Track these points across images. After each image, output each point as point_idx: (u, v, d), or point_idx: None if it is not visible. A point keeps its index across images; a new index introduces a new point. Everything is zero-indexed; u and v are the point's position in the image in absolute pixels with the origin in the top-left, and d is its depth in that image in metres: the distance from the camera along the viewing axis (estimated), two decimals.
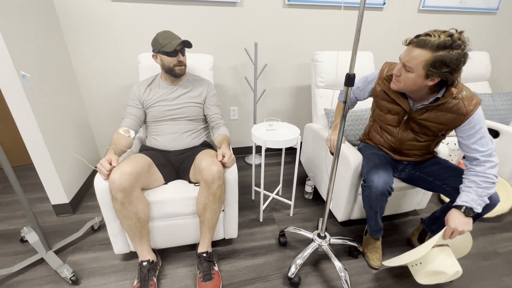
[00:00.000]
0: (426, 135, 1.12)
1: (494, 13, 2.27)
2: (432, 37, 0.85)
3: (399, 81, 1.00)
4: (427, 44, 0.86)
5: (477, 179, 0.96)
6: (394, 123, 1.18)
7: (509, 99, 2.00)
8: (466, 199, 0.95)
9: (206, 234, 1.17)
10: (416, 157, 1.23)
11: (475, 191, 0.95)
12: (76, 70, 1.73)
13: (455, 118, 0.98)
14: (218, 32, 1.85)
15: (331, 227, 1.51)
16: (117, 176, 0.97)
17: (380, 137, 1.28)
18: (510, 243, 1.42)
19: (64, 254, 1.29)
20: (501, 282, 1.19)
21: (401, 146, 1.21)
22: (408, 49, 0.93)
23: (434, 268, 0.98)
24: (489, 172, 0.95)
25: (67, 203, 1.52)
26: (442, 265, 0.97)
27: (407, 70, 0.94)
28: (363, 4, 0.78)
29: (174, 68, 1.26)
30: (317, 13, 1.94)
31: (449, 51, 0.83)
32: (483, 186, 0.94)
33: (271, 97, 2.18)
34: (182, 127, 1.33)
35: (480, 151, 0.96)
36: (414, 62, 0.90)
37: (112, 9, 1.63)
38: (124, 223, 1.06)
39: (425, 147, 1.18)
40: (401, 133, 1.17)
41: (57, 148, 1.45)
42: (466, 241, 1.06)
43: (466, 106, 0.96)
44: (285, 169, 2.10)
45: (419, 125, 1.10)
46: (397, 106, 1.12)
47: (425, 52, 0.86)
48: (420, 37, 0.89)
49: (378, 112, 1.23)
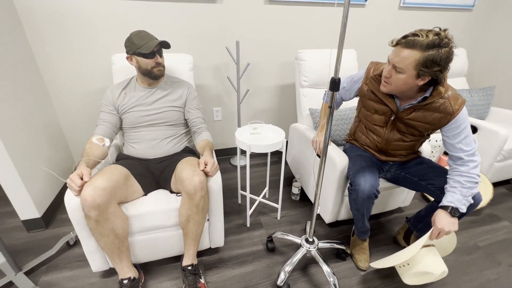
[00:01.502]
0: (413, 135, 1.12)
1: (470, 10, 2.33)
2: (420, 37, 0.85)
3: (389, 83, 0.99)
4: (416, 44, 0.85)
5: (461, 179, 0.97)
6: (381, 123, 1.17)
7: (485, 94, 2.06)
8: (452, 200, 0.96)
9: (190, 246, 1.12)
10: (402, 157, 1.24)
11: (460, 191, 0.96)
12: (43, 73, 1.59)
13: (442, 118, 0.99)
14: (197, 30, 1.76)
15: (319, 228, 1.50)
16: (90, 193, 0.90)
17: (366, 138, 1.27)
18: (489, 236, 1.47)
19: (36, 274, 1.19)
20: (482, 276, 1.23)
21: (387, 147, 1.20)
22: (396, 50, 0.91)
23: (422, 269, 0.98)
24: (473, 172, 0.96)
25: (38, 217, 1.41)
26: (429, 266, 0.98)
27: (398, 71, 0.93)
28: (348, 4, 0.74)
29: (153, 70, 1.18)
30: (299, 9, 1.90)
31: (438, 50, 0.83)
32: (467, 186, 0.95)
33: (255, 97, 2.13)
34: (161, 133, 1.26)
35: (464, 150, 0.98)
36: (404, 62, 0.89)
37: (80, 5, 1.50)
38: (100, 241, 0.99)
39: (410, 147, 1.18)
40: (387, 133, 1.16)
41: (24, 159, 1.33)
42: (451, 240, 1.07)
43: (452, 106, 0.96)
44: (272, 170, 2.07)
45: (406, 125, 1.09)
46: (384, 106, 1.11)
47: (415, 52, 0.86)
48: (408, 37, 0.88)
49: (365, 112, 1.22)
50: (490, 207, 1.69)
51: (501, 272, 1.25)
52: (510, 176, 1.90)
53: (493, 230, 1.52)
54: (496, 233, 1.50)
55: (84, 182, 0.93)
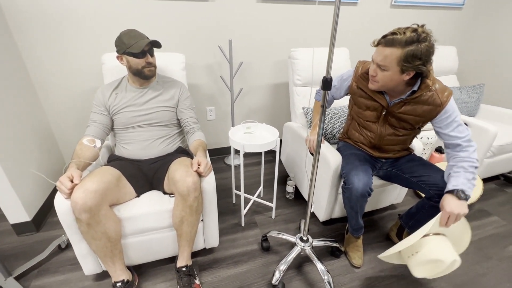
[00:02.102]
0: (404, 128, 1.14)
1: (460, 8, 2.36)
2: (399, 35, 0.89)
3: (376, 81, 1.02)
4: (395, 42, 0.89)
5: (464, 164, 0.98)
6: (373, 119, 1.19)
7: (475, 92, 2.10)
8: (457, 183, 0.95)
9: (184, 248, 1.11)
10: (395, 153, 1.25)
11: (463, 175, 0.96)
12: (31, 73, 1.55)
13: (431, 109, 1.02)
14: (189, 29, 1.74)
15: (313, 227, 1.51)
16: (80, 196, 0.88)
17: (360, 135, 1.28)
18: (479, 231, 1.50)
19: (27, 279, 1.17)
20: (473, 270, 1.26)
21: (380, 142, 1.22)
22: (378, 49, 0.96)
23: (431, 255, 0.92)
24: (473, 156, 0.98)
25: (28, 221, 1.38)
26: (439, 251, 0.92)
27: (382, 69, 0.97)
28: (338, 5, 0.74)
29: (143, 70, 1.16)
30: (291, 8, 1.89)
31: (417, 45, 0.87)
32: (470, 170, 0.97)
33: (249, 96, 2.12)
34: (154, 134, 1.24)
35: (460, 137, 1.00)
36: (387, 60, 0.93)
37: (68, 5, 1.47)
38: (92, 244, 0.97)
39: (403, 141, 1.20)
40: (380, 129, 1.19)
41: (13, 161, 1.30)
42: (464, 231, 1.00)
43: (440, 97, 1.00)
44: (266, 168, 2.07)
45: (398, 119, 1.12)
46: (375, 102, 1.14)
47: (396, 49, 0.90)
48: (387, 36, 0.92)
49: (356, 109, 1.23)
50: (480, 203, 1.73)
51: (491, 266, 1.28)
52: (499, 172, 1.94)
53: (483, 225, 1.55)
54: (486, 228, 1.53)
55: (74, 185, 0.91)
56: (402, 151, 1.25)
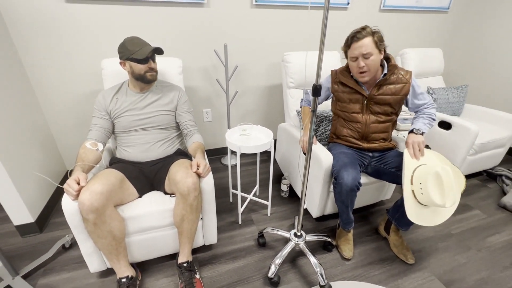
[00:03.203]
0: (386, 113, 1.32)
1: (446, 12, 2.46)
2: (363, 31, 1.15)
3: (367, 70, 1.19)
4: (366, 34, 1.15)
5: (424, 115, 1.30)
6: (357, 110, 1.34)
7: (459, 92, 2.20)
8: (415, 126, 1.26)
9: (185, 244, 1.17)
10: (380, 143, 1.38)
11: (421, 121, 1.28)
12: (30, 77, 1.59)
13: (402, 87, 1.26)
14: (186, 34, 1.80)
15: (307, 223, 1.59)
16: (87, 197, 0.94)
17: (347, 129, 1.40)
18: (462, 224, 1.60)
19: (34, 277, 1.22)
20: (454, 260, 1.35)
21: (367, 130, 1.35)
22: (356, 45, 1.16)
23: (430, 169, 1.04)
24: (432, 111, 1.30)
25: (32, 222, 1.43)
26: (435, 163, 1.12)
27: (367, 57, 1.16)
28: (327, 10, 0.81)
29: (146, 75, 1.22)
30: (285, 13, 1.96)
31: (377, 31, 1.17)
32: (427, 118, 1.29)
33: (244, 97, 2.19)
34: (154, 137, 1.30)
35: (424, 103, 1.31)
36: (369, 47, 1.15)
37: (68, 11, 1.51)
38: (98, 242, 1.03)
39: (386, 128, 1.36)
40: (365, 117, 1.34)
41: (16, 164, 1.35)
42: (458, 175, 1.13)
43: (404, 76, 1.26)
44: (261, 168, 2.14)
45: (378, 102, 1.30)
46: (357, 94, 1.32)
47: (369, 38, 1.15)
48: (356, 35, 1.16)
49: (341, 104, 1.38)
50: (463, 198, 1.83)
51: (470, 256, 1.38)
52: (482, 168, 2.05)
53: (465, 218, 1.66)
54: (468, 221, 1.64)
55: (81, 187, 0.96)
56: (386, 141, 1.39)
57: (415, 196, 1.09)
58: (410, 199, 1.10)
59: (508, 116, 1.99)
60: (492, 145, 1.92)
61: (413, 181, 1.10)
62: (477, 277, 1.26)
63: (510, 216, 1.67)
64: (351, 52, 1.19)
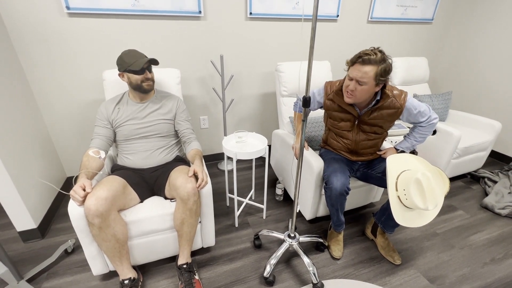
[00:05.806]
0: (376, 133, 1.34)
1: (430, 23, 2.60)
2: (373, 56, 1.08)
3: (354, 95, 1.18)
4: (372, 61, 1.08)
5: (417, 135, 1.36)
6: (348, 128, 1.37)
7: (444, 99, 2.32)
8: (402, 146, 1.39)
9: (185, 247, 1.24)
10: (369, 156, 1.44)
11: (410, 142, 1.38)
12: (32, 87, 1.65)
13: (394, 112, 1.25)
14: (184, 45, 1.88)
15: (300, 225, 1.67)
16: (93, 203, 1.00)
17: (338, 143, 1.45)
18: (446, 224, 1.70)
19: (38, 281, 1.27)
20: (438, 258, 1.44)
21: (357, 147, 1.40)
22: (356, 67, 1.12)
23: (412, 174, 1.11)
24: (428, 130, 1.33)
25: (34, 228, 1.47)
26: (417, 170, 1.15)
27: (361, 84, 1.13)
28: (315, 21, 0.90)
29: (142, 84, 1.29)
30: (278, 25, 2.06)
31: (386, 62, 1.09)
32: (418, 140, 1.37)
33: (240, 105, 2.27)
34: (154, 144, 1.37)
35: (423, 120, 1.29)
36: (367, 76, 1.10)
37: (70, 24, 1.58)
38: (102, 246, 1.09)
39: (375, 144, 1.40)
40: (355, 136, 1.37)
41: (20, 171, 1.40)
42: (443, 178, 1.21)
43: (398, 101, 1.23)
44: (257, 173, 2.21)
45: (369, 124, 1.31)
46: (348, 114, 1.32)
47: (373, 67, 1.09)
48: (363, 57, 1.09)
49: (332, 121, 1.42)
50: (447, 199, 1.93)
51: (453, 253, 1.47)
52: (466, 171, 2.16)
53: (450, 218, 1.75)
54: (452, 221, 1.73)
55: (86, 193, 1.03)
56: (375, 153, 1.45)
57: (400, 200, 1.18)
58: (396, 204, 1.18)
59: (490, 121, 2.11)
60: (475, 149, 2.04)
61: (397, 187, 1.17)
62: (459, 273, 1.35)
63: (491, 216, 1.78)
64: (351, 71, 1.15)
